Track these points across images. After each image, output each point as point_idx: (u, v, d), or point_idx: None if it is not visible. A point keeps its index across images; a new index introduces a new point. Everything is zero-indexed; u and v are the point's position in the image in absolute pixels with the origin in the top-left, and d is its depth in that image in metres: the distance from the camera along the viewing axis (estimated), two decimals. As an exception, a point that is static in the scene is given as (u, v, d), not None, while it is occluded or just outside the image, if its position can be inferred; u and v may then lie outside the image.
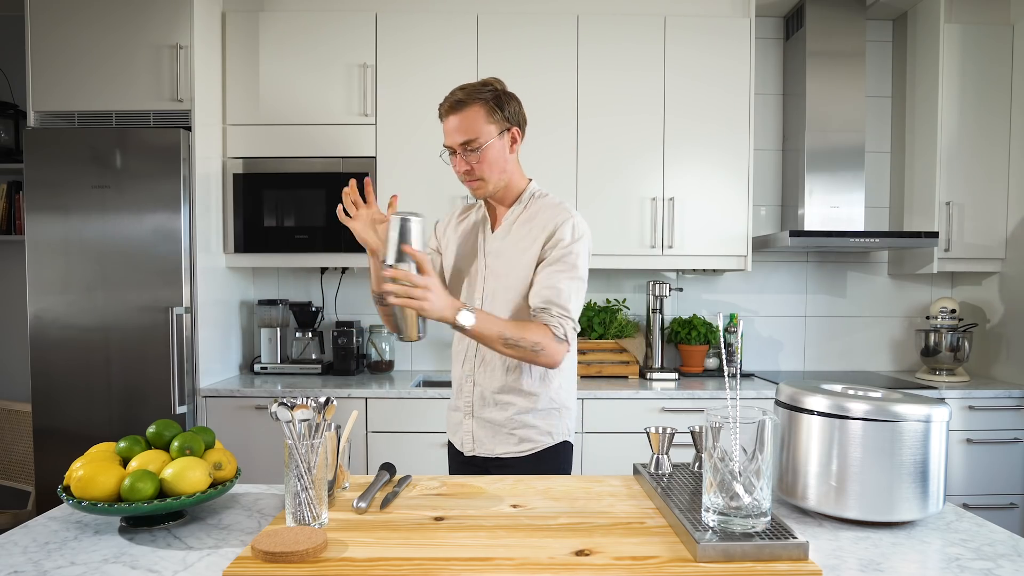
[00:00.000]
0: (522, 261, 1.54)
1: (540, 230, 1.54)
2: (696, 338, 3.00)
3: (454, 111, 1.50)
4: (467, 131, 1.48)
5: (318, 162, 2.78)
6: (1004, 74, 2.87)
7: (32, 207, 2.49)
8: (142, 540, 1.01)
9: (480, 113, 1.49)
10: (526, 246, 1.55)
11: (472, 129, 1.48)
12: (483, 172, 1.51)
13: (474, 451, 1.60)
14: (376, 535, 0.99)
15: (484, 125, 1.49)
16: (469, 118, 1.49)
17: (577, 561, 0.89)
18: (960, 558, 0.95)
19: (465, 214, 1.71)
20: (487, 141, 1.49)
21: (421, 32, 2.79)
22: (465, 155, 1.50)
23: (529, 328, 1.45)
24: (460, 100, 1.49)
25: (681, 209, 2.83)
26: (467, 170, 1.51)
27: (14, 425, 2.90)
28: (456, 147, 1.51)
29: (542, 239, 1.53)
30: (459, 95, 1.50)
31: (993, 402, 2.65)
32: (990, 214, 2.89)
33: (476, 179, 1.52)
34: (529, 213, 1.59)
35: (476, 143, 1.49)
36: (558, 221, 1.53)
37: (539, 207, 1.59)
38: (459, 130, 1.49)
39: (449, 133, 1.51)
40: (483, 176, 1.52)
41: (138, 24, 2.55)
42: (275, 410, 1.03)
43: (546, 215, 1.56)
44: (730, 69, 2.81)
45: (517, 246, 1.56)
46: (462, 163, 1.51)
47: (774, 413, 1.11)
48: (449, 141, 1.52)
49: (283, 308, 3.05)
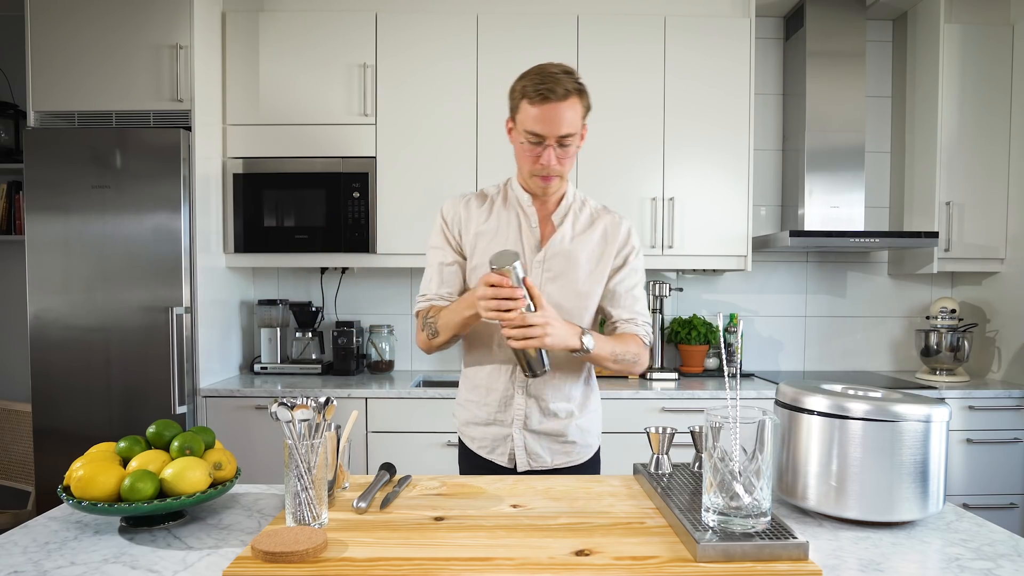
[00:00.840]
0: (596, 265, 1.50)
1: (606, 237, 1.51)
2: (696, 338, 3.00)
3: (558, 99, 1.34)
4: (572, 124, 1.37)
5: (318, 162, 2.78)
6: (1004, 74, 2.87)
7: (32, 207, 2.49)
8: (142, 540, 1.01)
9: (580, 107, 1.38)
10: (600, 250, 1.50)
11: (575, 123, 1.37)
12: (565, 169, 1.43)
13: (528, 466, 1.52)
14: (376, 535, 0.99)
15: (579, 120, 1.39)
16: (575, 110, 1.37)
17: (577, 561, 0.89)
18: (960, 558, 0.95)
19: (488, 207, 1.54)
20: (579, 134, 1.40)
21: (421, 32, 2.79)
22: (559, 148, 1.38)
23: (627, 341, 1.46)
24: (565, 90, 1.35)
25: (681, 209, 2.83)
26: (554, 164, 1.39)
27: (14, 425, 2.90)
28: (553, 138, 1.37)
29: (613, 248, 1.50)
30: (568, 83, 1.36)
31: (993, 402, 2.65)
32: (990, 214, 2.89)
33: (557, 175, 1.42)
34: (586, 217, 1.52)
35: (573, 138, 1.39)
36: (623, 228, 1.52)
37: (592, 211, 1.54)
38: (566, 122, 1.35)
39: (549, 121, 1.35)
40: (563, 173, 1.43)
41: (138, 24, 2.55)
42: (275, 410, 1.03)
43: (607, 221, 1.52)
44: (730, 69, 2.81)
45: (589, 248, 1.49)
46: (551, 155, 1.38)
47: (774, 413, 1.11)
48: (546, 130, 1.36)
49: (283, 308, 3.05)
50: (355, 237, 2.78)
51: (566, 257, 1.48)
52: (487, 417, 1.54)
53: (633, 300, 1.51)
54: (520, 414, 1.52)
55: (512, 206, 1.53)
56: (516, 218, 1.51)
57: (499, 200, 1.54)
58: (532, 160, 1.41)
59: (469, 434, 1.60)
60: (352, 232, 2.78)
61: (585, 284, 1.49)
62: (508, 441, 1.53)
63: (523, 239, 1.50)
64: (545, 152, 1.38)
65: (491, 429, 1.54)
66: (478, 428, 1.57)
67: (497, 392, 1.53)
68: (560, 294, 1.47)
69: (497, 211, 1.53)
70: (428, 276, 1.57)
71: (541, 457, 1.52)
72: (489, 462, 1.55)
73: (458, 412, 1.65)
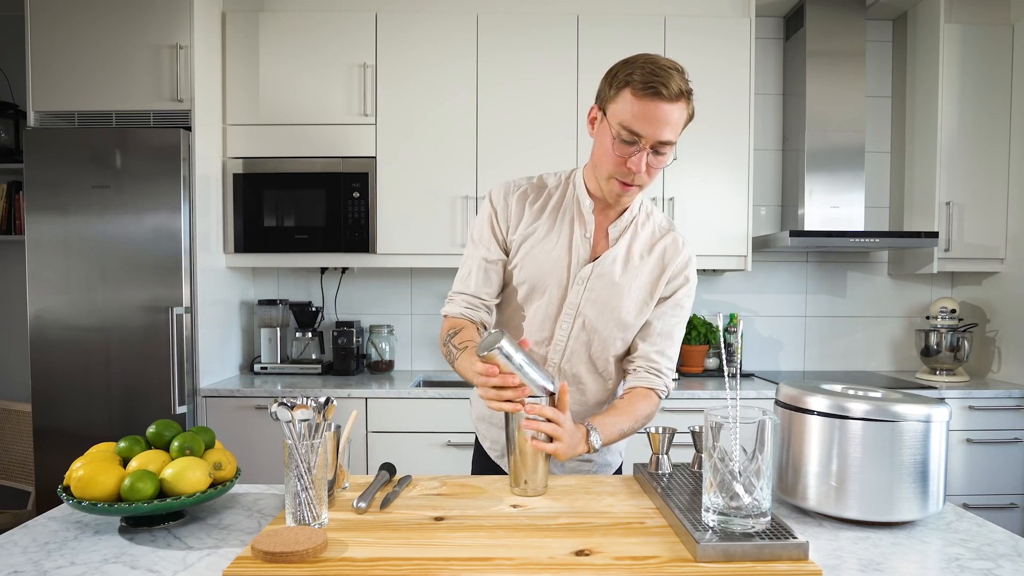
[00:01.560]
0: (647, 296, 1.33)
1: (661, 264, 1.33)
2: (696, 338, 3.00)
3: (674, 100, 1.16)
4: (675, 130, 1.19)
5: (318, 162, 2.78)
6: (1004, 74, 2.87)
7: (32, 207, 2.49)
8: (142, 540, 1.01)
9: (686, 113, 1.20)
10: (654, 278, 1.33)
11: (678, 129, 1.20)
12: (651, 180, 1.25)
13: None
14: (376, 535, 0.99)
15: (681, 129, 1.21)
16: (682, 115, 1.19)
17: (577, 561, 0.89)
18: (960, 558, 0.95)
19: (543, 200, 1.36)
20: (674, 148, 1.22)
21: (421, 32, 2.79)
22: (652, 155, 1.20)
23: (637, 405, 1.29)
24: (682, 92, 1.17)
25: (681, 209, 2.83)
26: (643, 172, 1.21)
27: (14, 425, 2.90)
28: (652, 142, 1.18)
29: (666, 276, 1.33)
30: (682, 83, 1.17)
31: (993, 402, 2.65)
32: (990, 214, 2.89)
33: (640, 185, 1.25)
34: (647, 236, 1.35)
35: (671, 148, 1.20)
36: (684, 257, 1.34)
37: (655, 229, 1.36)
38: (671, 125, 1.17)
39: (654, 121, 1.16)
40: (646, 185, 1.26)
41: (138, 24, 2.55)
42: (275, 410, 1.03)
43: (667, 244, 1.34)
44: (730, 69, 2.81)
45: (639, 280, 1.32)
46: (642, 161, 1.19)
47: (774, 413, 1.11)
48: (648, 130, 1.17)
49: (283, 308, 3.05)
50: (355, 237, 2.78)
51: (612, 282, 1.31)
52: (502, 420, 1.42)
53: (669, 344, 1.35)
54: None
55: (568, 208, 1.34)
56: (570, 224, 1.33)
57: (556, 196, 1.36)
58: (619, 161, 1.21)
59: (483, 432, 1.49)
60: (352, 232, 2.78)
61: (629, 314, 1.33)
62: None
63: (572, 249, 1.32)
64: (638, 155, 1.19)
65: (504, 433, 1.41)
66: (492, 429, 1.46)
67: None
68: (599, 319, 1.32)
69: (551, 209, 1.34)
70: (467, 270, 1.36)
71: (553, 473, 1.43)
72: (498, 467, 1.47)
73: (475, 402, 1.51)
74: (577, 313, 1.33)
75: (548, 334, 1.35)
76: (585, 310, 1.32)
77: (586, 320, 1.33)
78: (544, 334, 1.35)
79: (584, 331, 1.34)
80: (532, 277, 1.33)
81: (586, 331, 1.34)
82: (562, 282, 1.33)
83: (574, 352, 1.36)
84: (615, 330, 1.34)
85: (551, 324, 1.35)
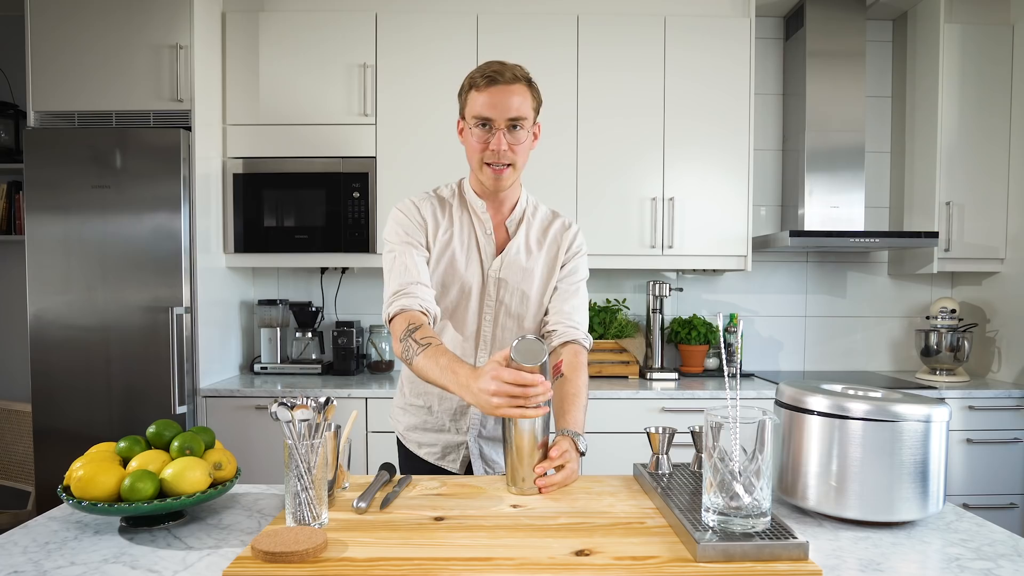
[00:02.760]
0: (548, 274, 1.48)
1: (557, 245, 1.49)
2: (696, 338, 3.00)
3: (506, 82, 1.32)
4: (520, 108, 1.33)
5: (318, 162, 2.78)
6: (1004, 74, 2.87)
7: (32, 207, 2.49)
8: (142, 540, 1.01)
9: (528, 95, 1.36)
10: (550, 264, 1.48)
11: (523, 108, 1.34)
12: (517, 158, 1.37)
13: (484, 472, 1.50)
14: (376, 535, 0.99)
15: (530, 108, 1.36)
16: (522, 95, 1.34)
17: (577, 561, 0.89)
18: (960, 558, 0.95)
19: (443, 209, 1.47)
20: (528, 123, 1.36)
21: (421, 32, 2.79)
22: (509, 134, 1.34)
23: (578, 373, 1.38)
24: (517, 76, 1.34)
25: (681, 209, 2.83)
26: (505, 150, 1.34)
27: (14, 425, 2.90)
28: (503, 122, 1.33)
29: (561, 255, 1.48)
30: (516, 70, 1.34)
31: (993, 402, 2.65)
32: (990, 214, 2.89)
33: (508, 164, 1.36)
34: (539, 224, 1.50)
35: (524, 123, 1.34)
36: (571, 234, 1.50)
37: (544, 217, 1.52)
38: (514, 105, 1.32)
39: (497, 105, 1.32)
40: (515, 162, 1.37)
41: (138, 24, 2.55)
42: (275, 410, 1.03)
43: (557, 227, 1.50)
44: (730, 69, 2.81)
45: (541, 264, 1.48)
46: (501, 140, 1.33)
47: (774, 413, 1.11)
48: (494, 113, 1.32)
49: (283, 308, 3.05)
50: (355, 237, 2.78)
51: (521, 268, 1.46)
52: (437, 424, 1.50)
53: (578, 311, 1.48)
54: (476, 423, 1.49)
55: (467, 211, 1.47)
56: (470, 226, 1.46)
57: (455, 202, 1.48)
58: (482, 147, 1.35)
59: (415, 439, 1.54)
60: (352, 232, 2.78)
61: (539, 292, 1.48)
62: (462, 448, 1.50)
63: (480, 247, 1.45)
64: (495, 136, 1.33)
65: (442, 436, 1.50)
66: (427, 434, 1.52)
67: (451, 400, 1.48)
68: (517, 304, 1.46)
69: (454, 216, 1.46)
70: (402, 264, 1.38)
71: (498, 463, 1.50)
72: (438, 468, 1.51)
73: (399, 416, 1.58)
74: (497, 302, 1.46)
75: (474, 329, 1.47)
76: (503, 298, 1.45)
77: (505, 306, 1.46)
78: (470, 330, 1.47)
79: (506, 316, 1.46)
80: (451, 278, 1.44)
81: (507, 316, 1.46)
82: (478, 278, 1.45)
83: (501, 339, 1.47)
84: (532, 308, 1.47)
85: (476, 319, 1.47)
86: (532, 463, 1.19)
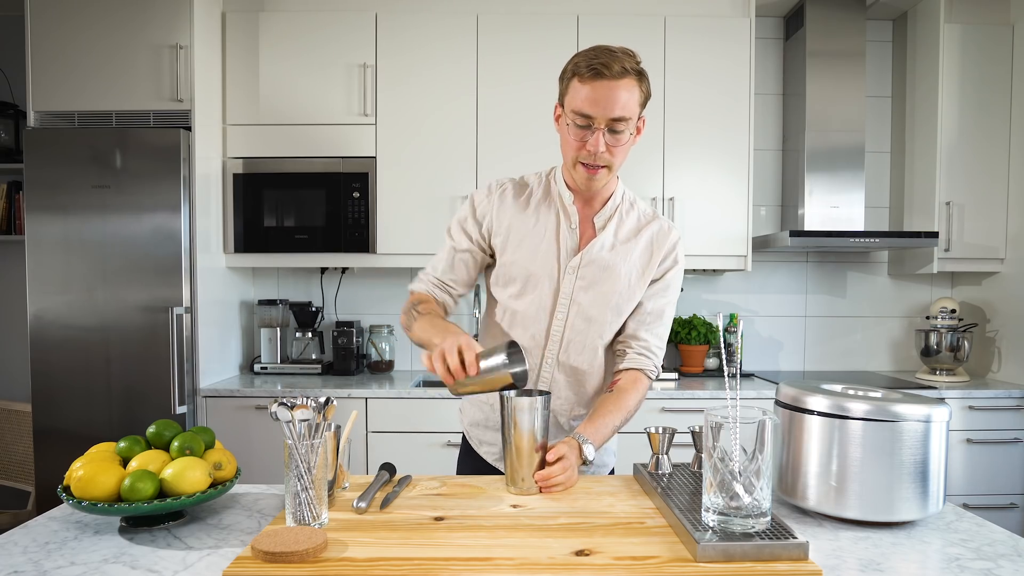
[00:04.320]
0: (638, 280, 1.37)
1: (651, 248, 1.37)
2: (696, 338, 3.00)
3: (618, 77, 1.21)
4: (627, 107, 1.23)
5: (318, 162, 2.78)
6: (1004, 74, 2.87)
7: (32, 207, 2.49)
8: (142, 540, 1.01)
9: (637, 91, 1.24)
10: (643, 263, 1.37)
11: (630, 106, 1.23)
12: (616, 160, 1.28)
13: None
14: (376, 535, 0.99)
15: (636, 105, 1.25)
16: (631, 92, 1.23)
17: (577, 561, 0.89)
18: (960, 558, 0.95)
19: (524, 198, 1.40)
20: (633, 124, 1.27)
21: (421, 32, 2.79)
22: (609, 134, 1.24)
23: (626, 396, 1.33)
24: (627, 70, 1.22)
25: (681, 209, 2.83)
26: (603, 151, 1.25)
27: (14, 425, 2.90)
28: (605, 121, 1.23)
29: (656, 260, 1.37)
30: (627, 62, 1.22)
31: (993, 402, 2.65)
32: (990, 214, 2.89)
33: (605, 165, 1.28)
34: (632, 223, 1.39)
35: (627, 124, 1.24)
36: (672, 239, 1.39)
37: (639, 216, 1.40)
38: (619, 102, 1.22)
39: (601, 101, 1.21)
40: (612, 165, 1.29)
41: (138, 24, 2.55)
42: (275, 410, 1.03)
43: (654, 230, 1.39)
44: (730, 69, 2.81)
45: (629, 263, 1.36)
46: (600, 140, 1.24)
47: (774, 413, 1.11)
48: (597, 110, 1.22)
49: (283, 308, 3.05)
50: (355, 237, 2.78)
51: (603, 267, 1.35)
52: (498, 422, 1.43)
53: (657, 323, 1.38)
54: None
55: (553, 202, 1.39)
56: (555, 216, 1.37)
57: (539, 193, 1.40)
58: (578, 146, 1.27)
59: (478, 436, 1.50)
60: (352, 232, 2.78)
61: (622, 298, 1.36)
62: None
63: (560, 241, 1.36)
64: (593, 136, 1.24)
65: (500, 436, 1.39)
66: (488, 432, 1.47)
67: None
68: (593, 306, 1.36)
69: (535, 205, 1.38)
70: (439, 256, 1.43)
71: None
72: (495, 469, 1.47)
73: (466, 409, 1.53)
74: (572, 302, 1.36)
75: (544, 325, 1.37)
76: (579, 297, 1.36)
77: (580, 307, 1.36)
78: (540, 326, 1.37)
79: (580, 319, 1.36)
80: (524, 271, 1.37)
81: (581, 318, 1.36)
82: (553, 273, 1.36)
83: (571, 342, 1.38)
84: (608, 314, 1.37)
85: (546, 316, 1.37)
86: (531, 463, 1.19)
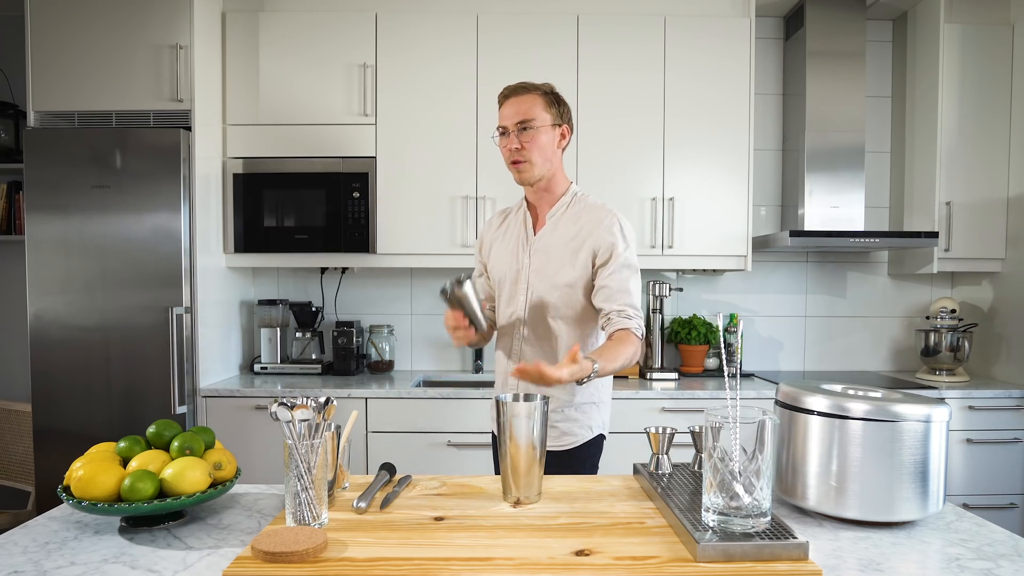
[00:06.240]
0: (571, 258, 1.59)
1: (589, 230, 1.59)
2: (696, 338, 3.00)
3: (515, 94, 1.58)
4: (524, 113, 1.56)
5: (318, 162, 2.78)
6: (1004, 74, 2.87)
7: (32, 207, 2.48)
8: (142, 540, 1.01)
9: (538, 101, 1.58)
10: (576, 245, 1.59)
11: (529, 112, 1.56)
12: (531, 155, 1.57)
13: None
14: (376, 535, 0.99)
15: (540, 112, 1.57)
16: (527, 102, 1.57)
17: (577, 561, 0.89)
18: (960, 558, 0.95)
19: (504, 218, 1.75)
20: (541, 125, 1.57)
21: (421, 32, 2.79)
22: (518, 135, 1.56)
23: (625, 343, 1.49)
24: (522, 86, 1.59)
25: (681, 209, 2.83)
26: (517, 148, 1.56)
27: (14, 425, 2.90)
28: (511, 127, 1.57)
29: (593, 239, 1.57)
30: (531, 86, 1.60)
31: (993, 402, 2.65)
32: (990, 214, 2.88)
33: (523, 160, 1.57)
34: (574, 212, 1.63)
35: (531, 123, 1.56)
36: (608, 221, 1.58)
37: (583, 207, 1.64)
38: (517, 112, 1.57)
39: (506, 115, 1.58)
40: (530, 159, 1.57)
41: (138, 24, 2.55)
42: (275, 410, 1.03)
43: (592, 215, 1.61)
44: (730, 69, 2.81)
45: (565, 243, 1.60)
46: (513, 141, 1.57)
47: (774, 413, 1.11)
48: (505, 122, 1.58)
49: (283, 308, 3.05)
50: (355, 237, 2.78)
51: (544, 251, 1.62)
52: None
53: (626, 295, 1.55)
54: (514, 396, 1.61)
55: (521, 214, 1.70)
56: (521, 223, 1.68)
57: (515, 211, 1.73)
58: (505, 152, 1.60)
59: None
60: (352, 232, 2.78)
61: (562, 275, 1.59)
62: None
63: (520, 240, 1.66)
64: (509, 140, 1.57)
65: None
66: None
67: (501, 375, 1.71)
68: (543, 288, 1.60)
69: (509, 222, 1.72)
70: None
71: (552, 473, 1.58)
72: None
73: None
74: (528, 284, 1.63)
75: (516, 307, 1.66)
76: (532, 280, 1.63)
77: (533, 288, 1.62)
78: (512, 308, 1.66)
79: (536, 301, 1.61)
80: (499, 272, 1.70)
81: (535, 296, 1.62)
82: (514, 266, 1.66)
83: (533, 315, 1.63)
84: (559, 293, 1.59)
85: (517, 299, 1.66)
86: (529, 479, 1.16)
